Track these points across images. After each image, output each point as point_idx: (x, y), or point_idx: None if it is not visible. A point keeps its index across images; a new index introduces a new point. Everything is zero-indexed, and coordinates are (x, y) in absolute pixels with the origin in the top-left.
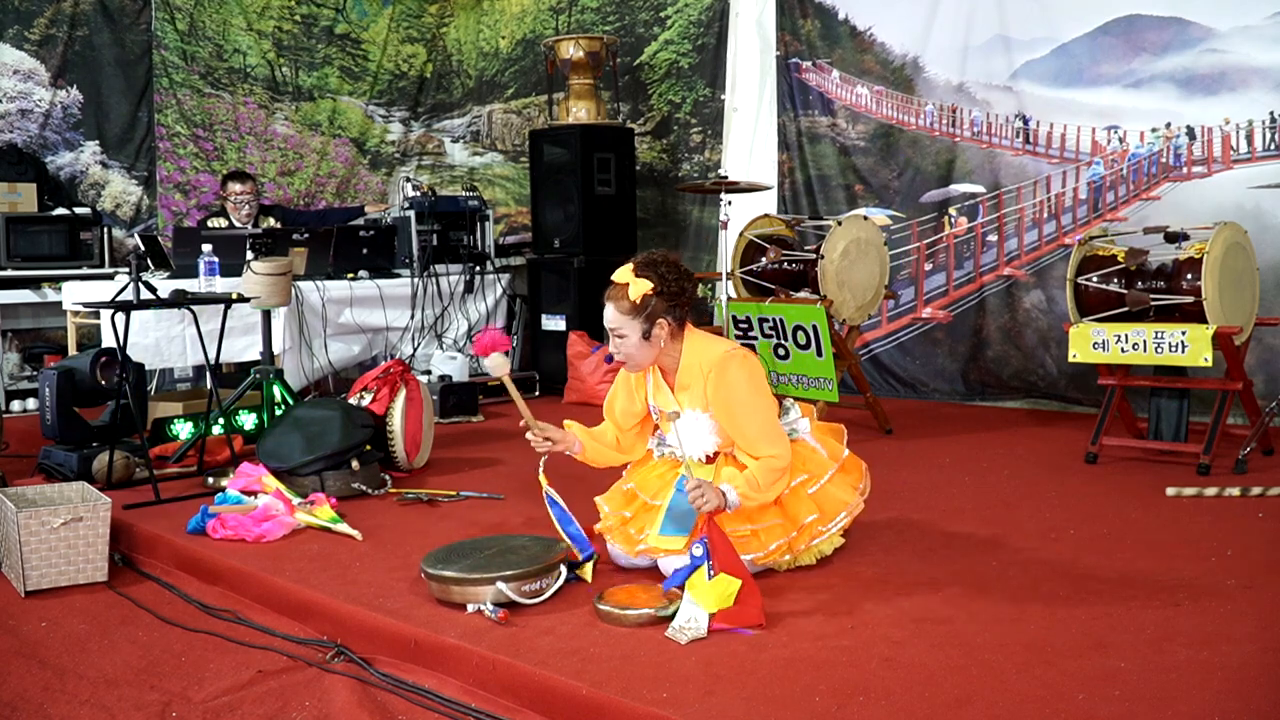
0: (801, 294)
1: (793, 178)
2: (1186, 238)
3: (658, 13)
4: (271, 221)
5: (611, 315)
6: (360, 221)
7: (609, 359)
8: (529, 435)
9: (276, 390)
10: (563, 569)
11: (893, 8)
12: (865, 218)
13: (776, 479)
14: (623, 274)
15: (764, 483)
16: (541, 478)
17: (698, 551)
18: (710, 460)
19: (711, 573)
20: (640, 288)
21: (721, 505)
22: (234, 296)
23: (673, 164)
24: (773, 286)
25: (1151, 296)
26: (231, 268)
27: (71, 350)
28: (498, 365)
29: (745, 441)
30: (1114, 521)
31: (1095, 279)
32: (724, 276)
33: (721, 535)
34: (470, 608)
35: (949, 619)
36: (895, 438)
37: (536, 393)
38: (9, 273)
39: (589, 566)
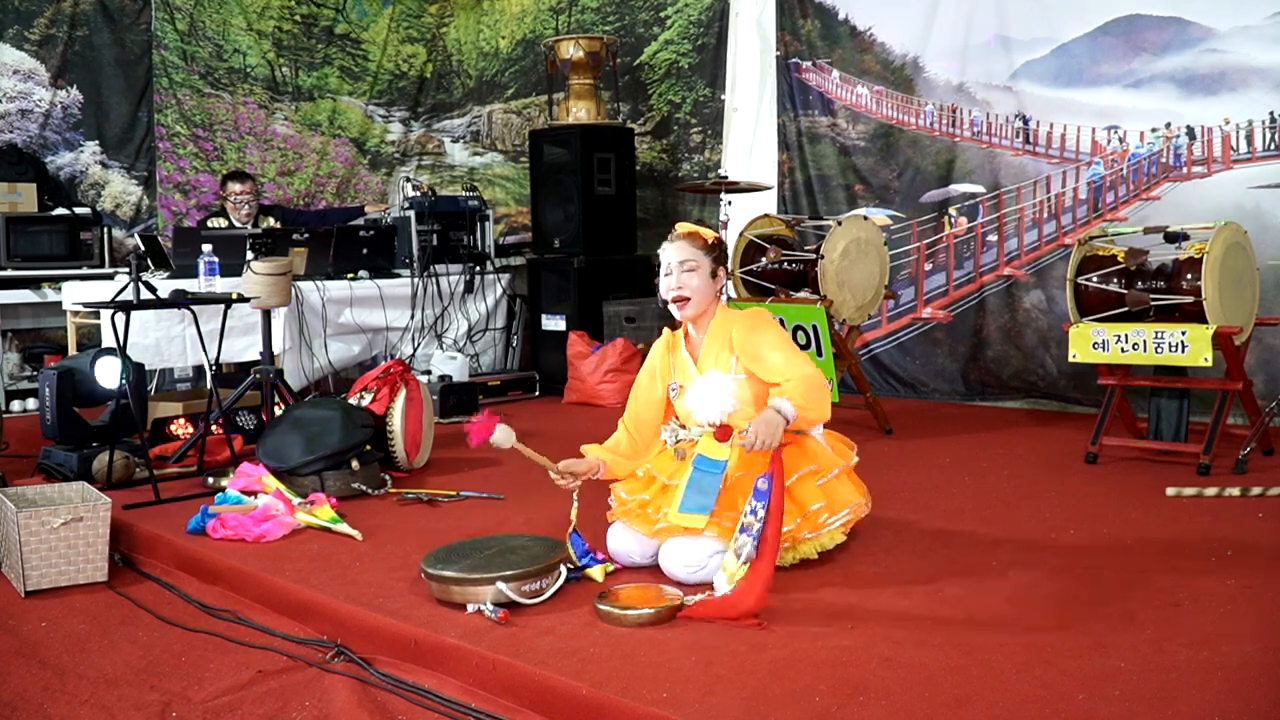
0: (801, 294)
1: (793, 178)
2: (1186, 238)
3: (658, 13)
4: (271, 221)
5: (684, 249)
6: (360, 221)
7: (663, 304)
8: (554, 479)
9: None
10: (563, 569)
11: (893, 8)
12: (865, 218)
13: (817, 390)
14: (687, 225)
15: (808, 393)
16: (574, 515)
17: (762, 485)
18: (723, 436)
19: (753, 539)
20: (711, 235)
21: (780, 434)
22: (234, 296)
23: (673, 164)
24: (773, 286)
25: (1151, 296)
26: (231, 268)
27: (71, 350)
28: (503, 438)
29: (773, 371)
30: (1114, 521)
31: (1095, 279)
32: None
33: (780, 476)
34: (470, 608)
35: (949, 619)
36: (895, 438)
37: (536, 393)
38: (9, 273)
39: (600, 569)
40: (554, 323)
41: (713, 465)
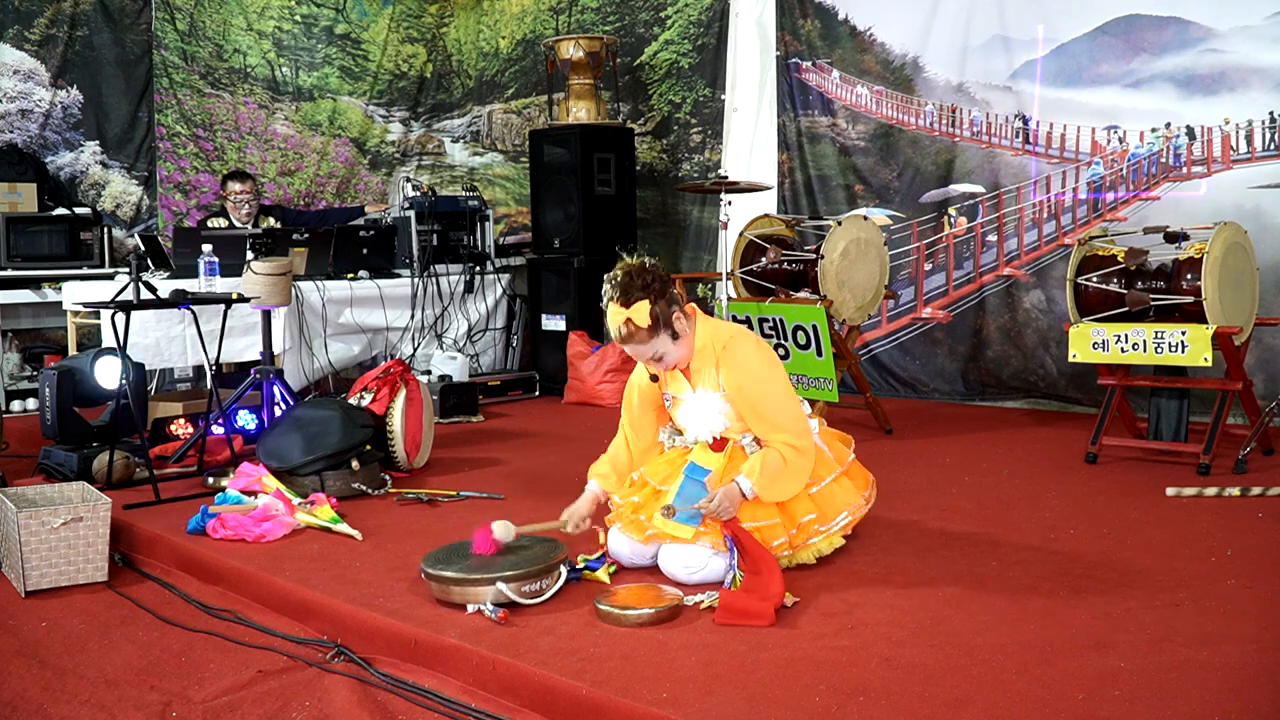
0: (801, 294)
1: (793, 178)
2: (1186, 238)
3: (658, 13)
4: (271, 221)
5: (640, 349)
6: (360, 221)
7: (654, 378)
8: (570, 532)
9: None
10: (563, 569)
11: (893, 8)
12: (865, 218)
13: (785, 473)
14: (617, 315)
15: (774, 478)
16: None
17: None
18: (718, 447)
19: (734, 571)
20: (643, 311)
21: (736, 509)
22: (234, 296)
23: (673, 164)
24: (773, 286)
25: (1151, 296)
26: (231, 268)
27: (71, 350)
28: (504, 532)
29: (761, 422)
30: (1114, 521)
31: (1095, 279)
32: (724, 276)
33: (744, 533)
34: (470, 608)
35: (949, 619)
36: (895, 438)
37: (536, 393)
38: (9, 273)
39: (604, 569)
40: (554, 323)
41: (702, 473)
